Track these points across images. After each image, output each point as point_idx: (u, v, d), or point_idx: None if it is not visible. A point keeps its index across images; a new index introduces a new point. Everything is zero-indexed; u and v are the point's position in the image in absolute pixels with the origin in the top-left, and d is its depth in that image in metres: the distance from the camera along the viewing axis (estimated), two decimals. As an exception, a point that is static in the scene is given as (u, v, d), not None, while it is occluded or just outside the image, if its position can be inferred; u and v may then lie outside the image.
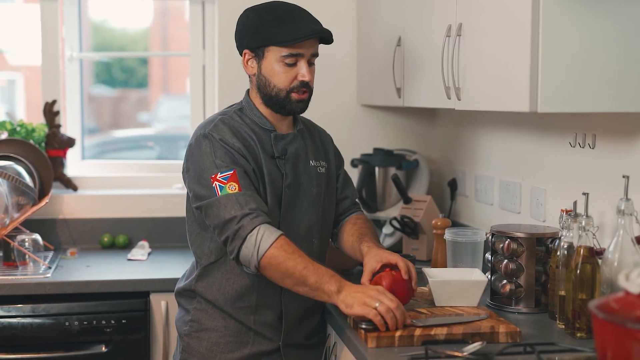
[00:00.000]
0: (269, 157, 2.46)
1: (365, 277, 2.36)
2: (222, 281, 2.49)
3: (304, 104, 2.48)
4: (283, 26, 2.38)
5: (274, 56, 2.41)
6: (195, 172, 2.39)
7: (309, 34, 2.38)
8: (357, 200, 2.75)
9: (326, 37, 2.44)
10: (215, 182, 2.33)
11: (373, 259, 2.39)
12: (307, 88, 2.45)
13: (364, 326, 2.19)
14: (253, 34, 2.43)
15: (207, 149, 2.38)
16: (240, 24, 2.49)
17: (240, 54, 2.50)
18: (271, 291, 2.48)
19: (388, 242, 3.53)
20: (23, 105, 4.60)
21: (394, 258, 2.37)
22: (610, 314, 1.49)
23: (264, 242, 2.25)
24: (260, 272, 2.30)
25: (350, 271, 3.16)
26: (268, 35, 2.39)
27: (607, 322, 1.48)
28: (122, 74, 4.61)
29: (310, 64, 2.46)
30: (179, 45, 4.50)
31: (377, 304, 2.16)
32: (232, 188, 2.31)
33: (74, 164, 4.11)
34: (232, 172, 2.33)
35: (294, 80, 2.43)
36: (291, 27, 2.37)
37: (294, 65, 2.42)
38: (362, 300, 2.18)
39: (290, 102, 2.45)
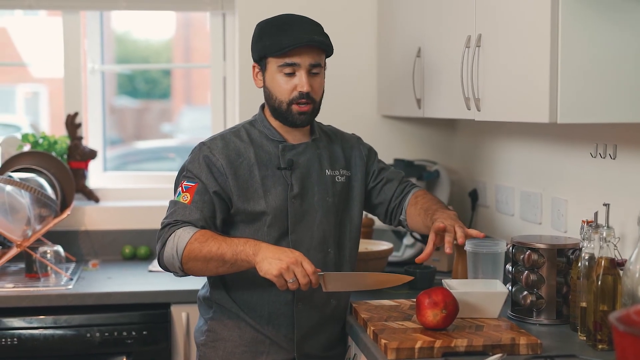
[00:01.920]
0: (274, 169, 2.49)
1: (427, 248, 2.39)
2: (232, 289, 2.52)
3: (307, 117, 2.49)
4: (277, 37, 2.41)
5: (273, 67, 2.45)
6: (180, 170, 2.55)
7: (297, 43, 2.40)
8: (406, 179, 2.74)
9: (323, 46, 2.45)
10: (180, 187, 2.46)
11: (432, 230, 2.40)
12: (307, 99, 2.46)
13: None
14: (257, 46, 2.49)
15: (193, 156, 2.50)
16: (252, 38, 2.54)
17: None
18: (283, 301, 2.50)
19: (409, 253, 3.53)
20: (47, 117, 4.64)
21: (449, 223, 2.38)
22: (631, 326, 1.48)
23: (180, 242, 2.33)
24: (185, 272, 2.36)
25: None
26: (263, 47, 2.44)
27: (628, 334, 1.47)
28: (145, 85, 4.64)
29: (313, 74, 2.46)
30: (202, 56, 4.52)
31: (291, 280, 2.23)
32: (185, 198, 2.42)
33: (95, 176, 4.14)
34: (194, 184, 2.44)
35: (293, 91, 2.45)
36: (283, 37, 2.41)
37: (292, 75, 2.44)
38: (278, 269, 2.22)
39: (292, 114, 2.47)
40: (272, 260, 2.23)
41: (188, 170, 2.47)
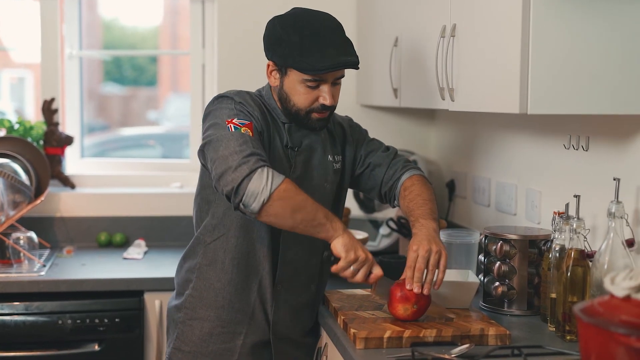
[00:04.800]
0: (281, 146, 2.44)
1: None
2: (225, 260, 2.47)
3: (325, 122, 2.44)
4: (307, 54, 2.31)
5: (296, 77, 2.36)
6: (212, 120, 2.36)
7: (333, 67, 2.31)
8: (395, 160, 2.63)
9: (356, 66, 2.38)
10: (231, 124, 2.30)
11: (411, 248, 2.31)
12: (328, 109, 2.41)
13: (331, 257, 2.29)
14: (277, 50, 2.37)
15: (227, 105, 2.36)
16: (267, 33, 2.42)
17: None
18: (268, 282, 2.47)
19: (385, 242, 3.53)
20: (32, 102, 4.61)
21: (409, 264, 2.27)
22: (594, 317, 1.48)
23: (276, 177, 2.20)
24: (263, 209, 2.20)
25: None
26: (292, 60, 2.33)
27: (591, 325, 1.47)
28: (132, 72, 4.62)
29: (336, 84, 2.40)
30: (189, 44, 4.49)
31: (353, 268, 2.23)
32: (246, 132, 2.28)
33: (73, 162, 4.11)
34: (249, 122, 2.32)
35: (314, 101, 2.38)
36: (316, 57, 2.30)
37: (316, 87, 2.37)
38: (356, 255, 2.22)
39: (310, 120, 2.41)
40: (356, 245, 2.24)
41: (238, 109, 2.34)
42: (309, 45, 2.32)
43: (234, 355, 2.49)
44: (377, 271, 2.26)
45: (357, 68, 2.39)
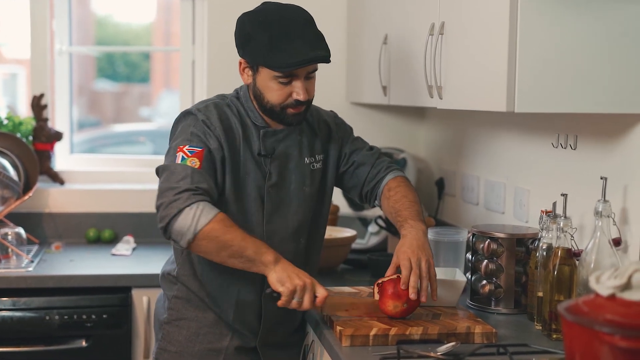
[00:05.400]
0: (254, 154, 2.41)
1: (388, 271, 2.31)
2: (203, 272, 2.46)
3: (301, 116, 2.40)
4: (276, 51, 2.28)
5: (267, 74, 2.33)
6: (172, 140, 2.39)
7: (302, 63, 2.29)
8: (380, 160, 2.60)
9: (327, 60, 2.35)
10: (181, 152, 2.31)
11: (395, 255, 2.32)
12: (303, 104, 2.38)
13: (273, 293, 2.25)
14: (247, 49, 2.35)
15: (186, 125, 2.37)
16: (237, 30, 2.39)
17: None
18: (252, 289, 2.45)
19: (373, 240, 3.52)
20: (25, 98, 4.60)
21: (404, 263, 2.28)
22: (578, 316, 1.48)
23: (203, 217, 2.20)
24: (190, 246, 2.23)
25: (335, 269, 3.15)
26: (261, 58, 2.30)
27: (576, 324, 1.47)
28: (125, 69, 4.62)
29: (309, 78, 2.38)
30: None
31: (296, 299, 2.20)
32: (193, 163, 2.29)
33: (62, 158, 4.10)
34: (200, 149, 2.31)
35: (288, 97, 2.35)
36: (285, 54, 2.27)
37: (289, 83, 2.34)
38: (293, 286, 2.19)
39: (286, 116, 2.38)
40: (291, 275, 2.20)
41: (193, 134, 2.33)
42: (278, 42, 2.29)
43: (220, 356, 2.49)
44: (321, 292, 2.22)
45: (329, 61, 2.36)
